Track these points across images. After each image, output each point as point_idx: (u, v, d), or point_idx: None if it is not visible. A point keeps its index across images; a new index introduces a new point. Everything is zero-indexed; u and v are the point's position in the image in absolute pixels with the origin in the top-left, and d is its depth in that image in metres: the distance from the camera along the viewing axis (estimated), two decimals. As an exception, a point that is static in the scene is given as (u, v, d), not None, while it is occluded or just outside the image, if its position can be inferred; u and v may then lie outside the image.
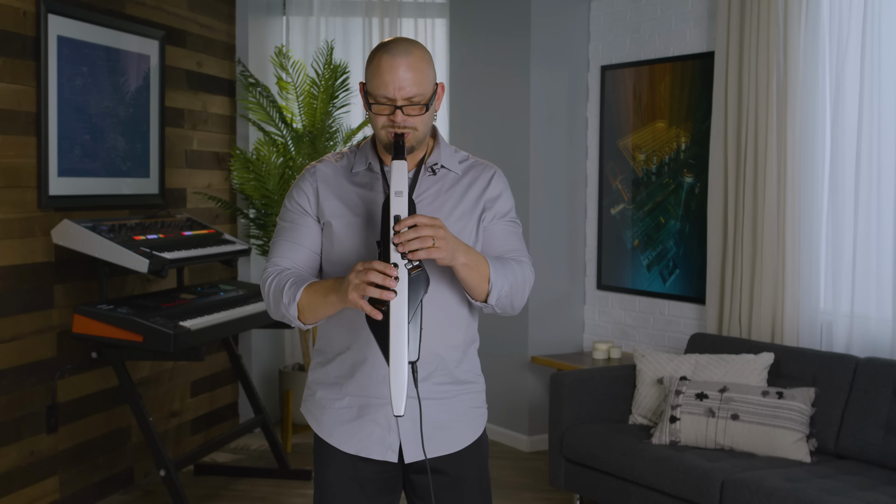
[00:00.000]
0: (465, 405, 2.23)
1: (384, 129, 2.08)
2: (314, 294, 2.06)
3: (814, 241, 4.25)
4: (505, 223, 2.23)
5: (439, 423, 2.18)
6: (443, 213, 2.15)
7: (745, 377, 3.96)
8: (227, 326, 4.23)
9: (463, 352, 2.22)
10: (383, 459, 2.17)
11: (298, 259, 2.19)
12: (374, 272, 1.89)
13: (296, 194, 2.22)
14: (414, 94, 2.04)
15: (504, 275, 2.11)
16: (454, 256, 1.99)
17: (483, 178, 2.23)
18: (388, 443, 2.16)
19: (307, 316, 2.09)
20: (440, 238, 1.93)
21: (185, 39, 5.12)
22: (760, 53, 4.33)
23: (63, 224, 4.01)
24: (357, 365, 2.17)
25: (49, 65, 4.06)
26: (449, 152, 2.23)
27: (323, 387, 2.24)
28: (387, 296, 1.88)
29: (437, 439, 2.18)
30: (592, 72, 5.46)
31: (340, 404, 2.20)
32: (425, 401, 2.14)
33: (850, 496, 3.28)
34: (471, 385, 2.25)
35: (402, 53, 2.04)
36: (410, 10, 5.88)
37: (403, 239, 1.90)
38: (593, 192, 5.48)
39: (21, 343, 3.97)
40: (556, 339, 5.44)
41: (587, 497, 4.20)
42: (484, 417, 2.30)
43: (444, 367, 2.18)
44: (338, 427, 2.20)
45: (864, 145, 4.05)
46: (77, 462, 4.31)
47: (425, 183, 2.19)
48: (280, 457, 4.85)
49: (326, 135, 5.30)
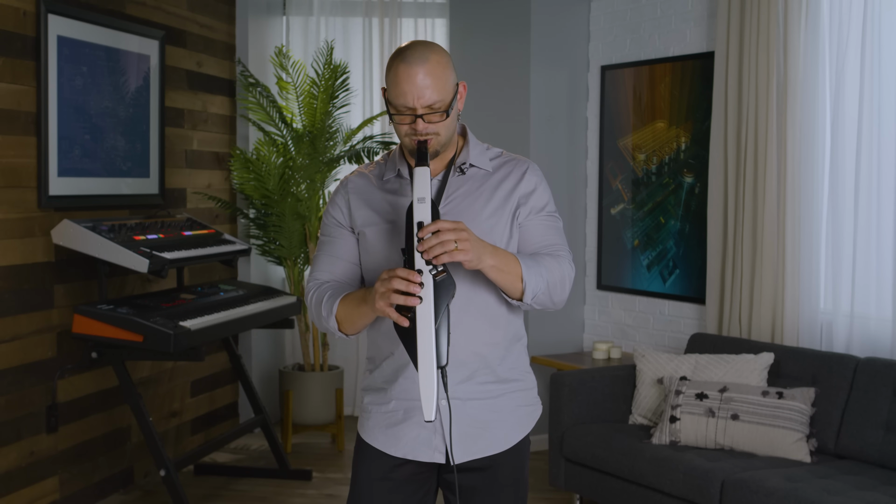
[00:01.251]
0: (511, 403, 2.21)
1: (407, 136, 2.07)
2: (348, 305, 2.09)
3: (814, 241, 4.25)
4: (542, 218, 2.20)
5: (485, 422, 2.17)
6: (472, 212, 2.14)
7: (745, 377, 3.96)
8: (227, 326, 4.23)
9: (506, 349, 2.20)
10: (431, 461, 2.17)
11: (337, 271, 2.21)
12: (397, 279, 1.90)
13: (331, 209, 2.25)
14: (434, 101, 2.02)
15: (538, 272, 2.09)
16: (480, 259, 1.98)
17: (516, 173, 2.20)
18: (434, 444, 2.16)
19: (346, 327, 2.12)
20: (463, 241, 1.92)
21: (185, 39, 5.12)
22: (760, 53, 4.33)
23: (63, 224, 4.01)
24: (400, 369, 2.18)
25: (49, 65, 4.06)
26: (479, 150, 2.21)
27: (370, 392, 2.26)
28: (411, 302, 1.89)
29: (482, 439, 2.18)
30: (592, 72, 5.47)
31: (386, 408, 2.21)
32: (470, 401, 2.14)
33: (850, 496, 3.28)
34: (517, 383, 2.23)
35: (418, 61, 2.02)
36: (410, 10, 5.88)
37: (426, 245, 1.90)
38: (593, 192, 5.48)
39: (21, 343, 3.97)
40: (556, 339, 5.44)
41: (587, 497, 4.20)
42: (534, 415, 2.27)
43: (487, 365, 2.17)
44: (384, 431, 2.20)
45: (864, 145, 4.05)
46: (77, 462, 4.31)
47: (454, 183, 2.17)
48: (280, 457, 4.85)
49: (326, 135, 5.30)
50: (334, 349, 5.87)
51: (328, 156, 5.33)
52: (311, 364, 5.48)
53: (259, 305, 4.54)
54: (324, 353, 5.47)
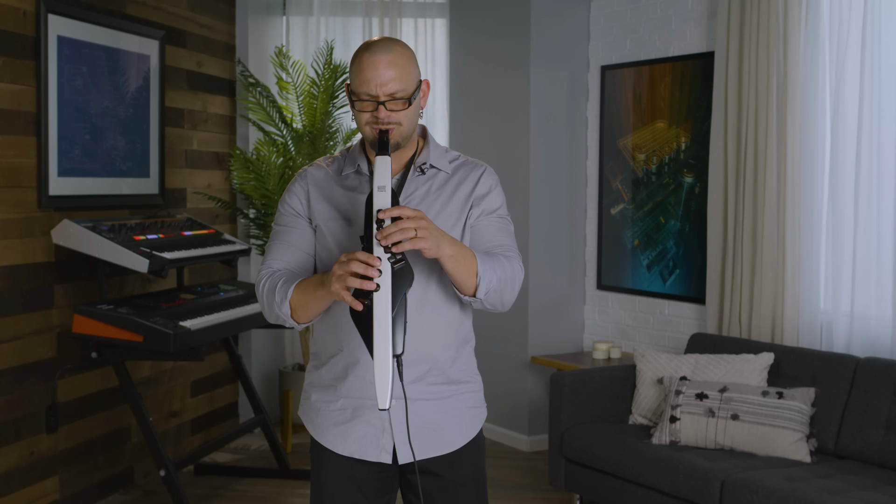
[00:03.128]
0: (460, 405, 2.22)
1: (368, 125, 2.08)
2: (304, 290, 2.07)
3: (814, 241, 4.25)
4: (493, 219, 2.22)
5: (434, 423, 2.18)
6: (431, 214, 2.15)
7: (745, 377, 3.96)
8: (227, 326, 4.23)
9: (456, 351, 2.21)
10: (377, 461, 2.16)
11: (291, 260, 2.20)
12: (356, 262, 1.89)
13: (288, 198, 2.24)
14: (396, 89, 2.04)
15: (492, 268, 2.09)
16: (439, 248, 1.97)
17: (472, 176, 2.21)
18: (381, 444, 2.15)
19: (300, 314, 2.10)
20: (423, 228, 1.91)
21: (185, 39, 5.12)
22: (760, 53, 4.33)
23: (63, 224, 4.01)
24: (350, 367, 2.17)
25: (49, 65, 4.06)
26: (439, 152, 2.22)
27: (317, 389, 2.24)
28: (368, 285, 1.87)
29: (431, 440, 2.18)
30: (592, 72, 5.47)
31: (335, 406, 2.20)
32: (420, 401, 2.14)
33: (850, 496, 3.28)
34: (466, 385, 2.24)
35: (382, 50, 2.05)
36: (410, 10, 5.88)
37: (386, 232, 1.89)
38: (593, 192, 5.48)
39: (21, 343, 3.97)
40: (556, 339, 5.44)
41: (587, 497, 4.20)
42: (481, 418, 2.28)
43: (438, 367, 2.17)
44: (332, 429, 2.20)
45: (864, 145, 4.05)
46: (77, 462, 4.31)
47: (414, 183, 2.18)
48: (280, 457, 4.85)
49: (326, 135, 5.30)
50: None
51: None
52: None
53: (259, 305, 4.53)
54: (324, 353, 5.46)
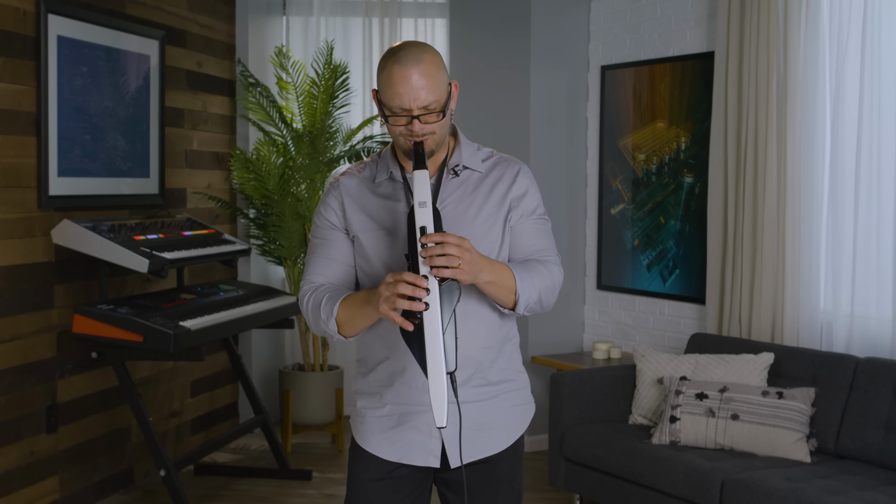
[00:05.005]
0: (506, 404, 2.22)
1: (402, 136, 2.06)
2: (350, 307, 2.06)
3: (814, 241, 4.25)
4: (532, 221, 2.20)
5: (482, 424, 2.18)
6: (467, 218, 2.13)
7: (745, 377, 3.96)
8: (227, 326, 4.23)
9: (497, 352, 2.20)
10: (425, 465, 2.17)
11: (332, 274, 2.19)
12: (403, 284, 1.89)
13: (323, 210, 2.22)
14: (430, 101, 2.01)
15: (531, 283, 2.09)
16: (476, 276, 1.98)
17: (508, 175, 2.19)
18: (429, 448, 2.16)
19: (346, 329, 2.10)
20: (466, 261, 1.92)
21: (185, 39, 5.12)
22: (760, 53, 4.33)
23: (63, 224, 4.01)
24: (396, 374, 2.17)
25: (49, 65, 4.06)
26: (470, 150, 2.20)
27: (364, 396, 2.24)
28: (417, 307, 1.88)
29: (480, 441, 2.18)
30: (592, 72, 5.46)
31: (381, 413, 2.20)
32: (466, 404, 2.14)
33: (850, 496, 3.28)
34: (509, 383, 2.23)
35: (412, 62, 2.00)
36: (410, 10, 5.88)
37: (430, 253, 1.89)
38: (593, 192, 5.48)
39: (21, 343, 3.97)
40: (556, 339, 5.44)
41: (587, 497, 4.20)
42: (528, 415, 2.28)
43: (480, 369, 2.17)
44: (378, 435, 2.20)
45: (864, 145, 4.05)
46: (77, 462, 4.31)
47: (449, 187, 2.16)
48: (280, 457, 4.85)
49: (326, 135, 5.30)
50: (334, 349, 5.87)
51: (328, 156, 5.33)
52: (311, 364, 5.48)
53: (259, 305, 4.54)
54: (324, 354, 5.47)
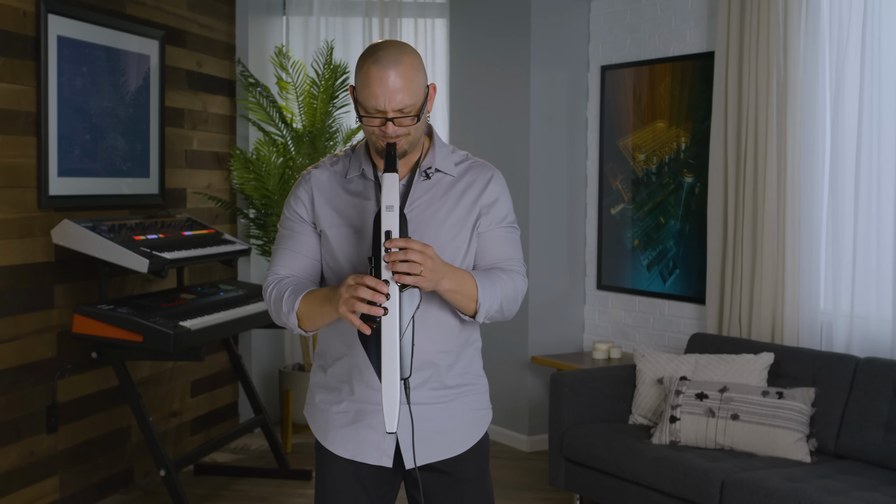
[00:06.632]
0: (464, 408, 2.21)
1: (376, 136, 2.05)
2: (311, 304, 2.06)
3: (814, 241, 4.25)
4: (501, 230, 2.19)
5: (439, 427, 2.17)
6: (435, 222, 2.12)
7: (745, 377, 3.96)
8: (227, 326, 4.23)
9: (456, 356, 2.20)
10: (378, 464, 2.16)
11: (297, 267, 2.18)
12: (363, 288, 1.88)
13: (293, 202, 2.21)
14: (405, 104, 1.99)
15: (493, 292, 2.09)
16: (438, 284, 1.97)
17: (480, 181, 2.18)
18: (383, 448, 2.16)
19: (306, 324, 2.10)
20: (428, 269, 1.91)
21: (185, 39, 5.12)
22: (760, 53, 4.33)
23: (63, 224, 4.01)
24: (354, 371, 2.17)
25: (49, 65, 4.05)
26: (445, 153, 2.19)
27: (322, 390, 2.24)
28: (376, 311, 1.87)
29: (436, 443, 2.17)
30: (592, 72, 5.47)
31: (338, 409, 2.20)
32: (423, 405, 2.14)
33: (850, 496, 3.28)
34: (469, 387, 2.23)
35: (391, 63, 1.98)
36: (410, 10, 5.88)
37: (393, 259, 1.89)
38: (593, 192, 5.48)
39: (21, 343, 3.97)
40: (556, 339, 5.44)
41: (587, 497, 4.20)
42: (486, 419, 2.27)
43: (437, 373, 2.17)
44: (334, 431, 2.20)
45: (864, 145, 4.05)
46: (77, 462, 4.31)
47: (419, 189, 2.14)
48: (280, 457, 4.85)
49: (326, 135, 5.31)
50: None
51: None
52: (310, 364, 5.48)
53: (259, 305, 4.54)
54: (324, 353, 5.46)
